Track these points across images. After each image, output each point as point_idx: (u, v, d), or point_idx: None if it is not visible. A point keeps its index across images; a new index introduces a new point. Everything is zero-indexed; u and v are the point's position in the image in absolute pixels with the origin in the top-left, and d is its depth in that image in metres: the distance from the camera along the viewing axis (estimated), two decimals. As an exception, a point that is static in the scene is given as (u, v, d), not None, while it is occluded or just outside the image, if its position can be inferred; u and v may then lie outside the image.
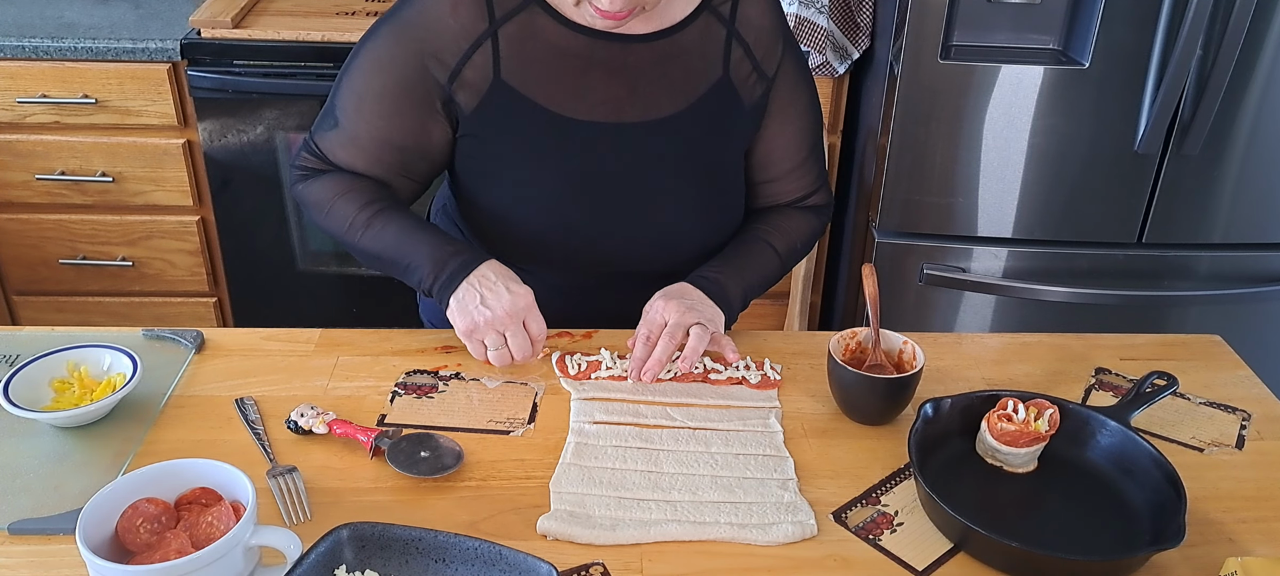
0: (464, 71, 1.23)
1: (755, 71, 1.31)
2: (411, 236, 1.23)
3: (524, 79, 1.23)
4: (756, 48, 1.30)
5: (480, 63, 1.23)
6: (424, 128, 1.27)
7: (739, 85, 1.30)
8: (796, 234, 1.41)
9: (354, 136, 1.27)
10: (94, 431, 1.12)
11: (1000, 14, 1.95)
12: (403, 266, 1.23)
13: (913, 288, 2.15)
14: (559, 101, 1.24)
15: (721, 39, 1.28)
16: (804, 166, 1.40)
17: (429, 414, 1.17)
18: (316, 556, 0.87)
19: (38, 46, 2.15)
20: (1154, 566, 0.97)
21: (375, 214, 1.25)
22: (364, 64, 1.26)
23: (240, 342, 1.28)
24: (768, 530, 1.00)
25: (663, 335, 1.20)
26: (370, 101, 1.26)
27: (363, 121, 1.26)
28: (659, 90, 1.26)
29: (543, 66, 1.24)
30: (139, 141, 2.26)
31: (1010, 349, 1.33)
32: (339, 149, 1.28)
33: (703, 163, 1.31)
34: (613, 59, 1.24)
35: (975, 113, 1.98)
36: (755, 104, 1.32)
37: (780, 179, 1.40)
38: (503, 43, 1.22)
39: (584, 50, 1.24)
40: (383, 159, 1.28)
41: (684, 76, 1.27)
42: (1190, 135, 1.96)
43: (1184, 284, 2.14)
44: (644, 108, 1.26)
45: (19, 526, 0.98)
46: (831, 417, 1.18)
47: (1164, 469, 1.03)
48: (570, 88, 1.24)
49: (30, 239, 2.38)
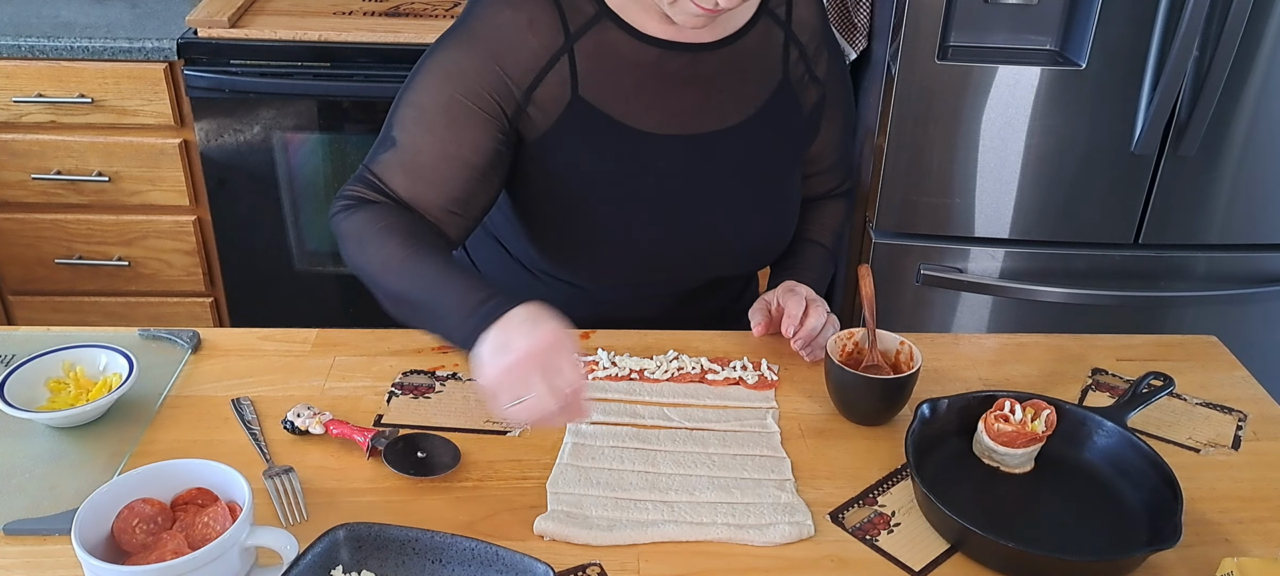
0: (539, 89, 1.19)
1: (808, 73, 1.31)
2: (447, 278, 1.09)
3: (600, 94, 1.21)
4: (809, 48, 1.31)
5: (556, 80, 1.19)
6: (494, 143, 1.19)
7: (796, 88, 1.30)
8: (834, 222, 1.45)
9: (414, 154, 1.18)
10: (90, 431, 1.12)
11: (997, 15, 1.95)
12: (431, 312, 1.10)
13: (910, 288, 2.15)
14: (633, 115, 1.22)
15: (780, 42, 1.28)
16: (839, 162, 1.43)
17: (426, 414, 1.17)
18: (313, 557, 0.87)
19: (34, 46, 2.15)
20: (1151, 566, 0.97)
21: (413, 253, 1.12)
22: (428, 77, 1.19)
23: (237, 343, 1.28)
24: (765, 530, 1.00)
25: (812, 307, 1.24)
26: (434, 114, 1.17)
27: (425, 135, 1.18)
28: (728, 98, 1.26)
29: (617, 80, 1.21)
30: (135, 141, 2.25)
31: (1007, 349, 1.33)
32: (396, 170, 1.18)
33: (765, 169, 1.31)
34: (684, 69, 1.23)
35: (972, 113, 1.98)
36: (813, 108, 1.33)
37: (822, 175, 1.42)
38: (579, 58, 1.19)
39: (656, 62, 1.22)
40: (445, 179, 1.17)
41: (749, 82, 1.27)
42: (1187, 136, 1.96)
43: (1180, 284, 2.15)
44: (714, 117, 1.26)
45: (14, 527, 0.98)
46: (829, 418, 1.18)
47: (1160, 469, 1.03)
48: (643, 101, 1.23)
49: (26, 238, 2.37)
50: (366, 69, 2.18)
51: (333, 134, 2.25)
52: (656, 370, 1.24)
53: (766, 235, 1.35)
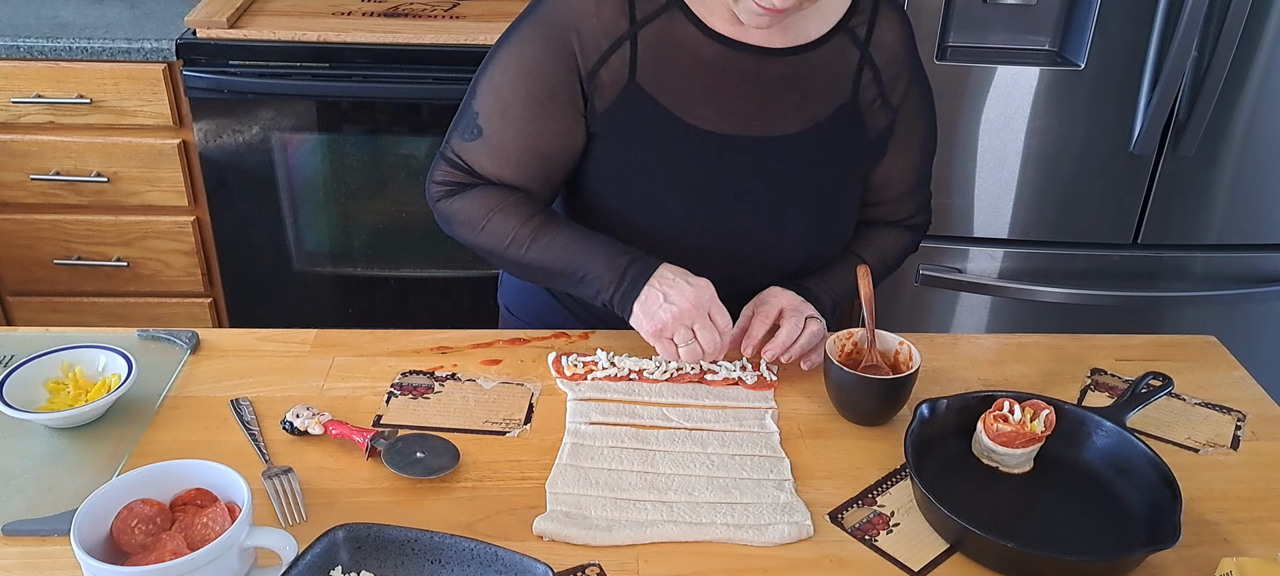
0: (601, 71, 1.21)
1: (881, 97, 1.29)
2: (582, 246, 1.21)
3: (657, 83, 1.22)
4: (886, 72, 1.28)
5: (617, 64, 1.21)
6: (571, 131, 1.24)
7: (865, 110, 1.28)
8: (889, 251, 1.41)
9: (500, 145, 1.24)
10: (89, 432, 1.12)
11: (996, 15, 1.95)
12: (577, 277, 1.21)
13: (909, 288, 2.15)
14: (687, 108, 1.23)
15: (854, 61, 1.27)
16: (914, 192, 1.40)
17: (425, 414, 1.17)
18: (312, 557, 0.87)
19: (32, 46, 2.15)
20: (1150, 566, 0.97)
21: (539, 227, 1.23)
22: (507, 67, 1.23)
23: (236, 343, 1.28)
24: (764, 530, 1.00)
25: (787, 317, 1.22)
26: (516, 107, 1.23)
27: (510, 128, 1.24)
28: (786, 106, 1.25)
29: (676, 71, 1.22)
30: (134, 141, 2.25)
31: (1006, 349, 1.33)
32: (485, 160, 1.25)
33: (820, 184, 1.30)
34: (746, 71, 1.23)
35: (971, 114, 1.98)
36: (880, 133, 1.31)
37: (889, 203, 1.39)
38: (641, 45, 1.21)
39: (719, 59, 1.22)
40: (530, 166, 1.25)
41: (812, 95, 1.26)
42: (1186, 136, 1.97)
43: (1179, 285, 2.15)
44: (770, 122, 1.25)
45: (13, 527, 0.98)
46: (827, 418, 1.18)
47: (1159, 469, 1.03)
48: (700, 95, 1.23)
49: (25, 239, 2.37)
50: (365, 69, 2.18)
51: (331, 134, 2.25)
52: (655, 370, 1.24)
53: (811, 249, 1.33)
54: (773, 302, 1.25)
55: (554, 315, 1.42)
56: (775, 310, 1.24)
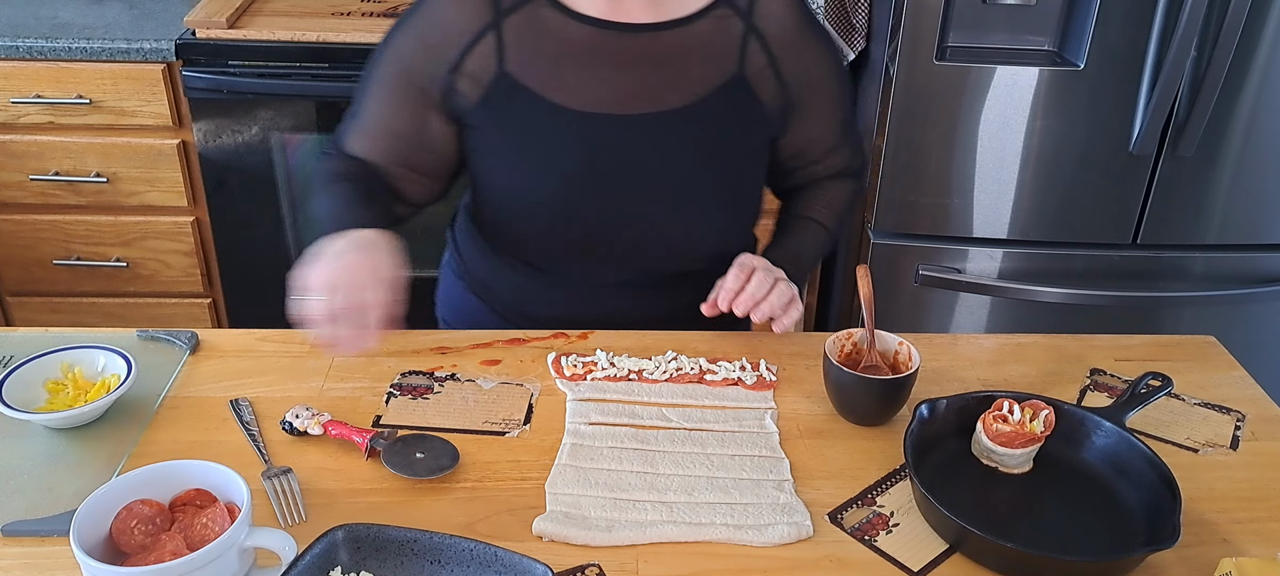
0: (465, 63, 1.24)
1: (772, 68, 1.28)
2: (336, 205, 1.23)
3: (528, 71, 1.24)
4: (776, 43, 1.28)
5: (483, 54, 1.23)
6: (422, 117, 1.28)
7: (754, 81, 1.28)
8: (838, 201, 1.43)
9: (365, 124, 1.31)
10: (88, 433, 1.12)
11: (995, 15, 1.95)
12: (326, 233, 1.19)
13: (908, 288, 2.15)
14: (562, 93, 1.24)
15: (738, 32, 1.27)
16: (841, 145, 1.40)
17: (424, 415, 1.17)
18: (312, 558, 0.87)
19: (32, 47, 2.15)
20: (1149, 567, 0.97)
21: (333, 180, 1.27)
22: (378, 56, 1.30)
23: (235, 343, 1.28)
24: (763, 531, 1.00)
25: (757, 273, 1.22)
26: (376, 89, 1.30)
27: (370, 108, 1.30)
28: (665, 83, 1.25)
29: (547, 58, 1.24)
30: (133, 142, 2.25)
31: (1005, 350, 1.33)
32: (353, 138, 1.32)
33: (713, 159, 1.30)
34: (618, 50, 1.24)
35: (970, 114, 1.98)
36: (776, 102, 1.30)
37: (818, 162, 1.40)
38: (507, 34, 1.23)
39: (590, 40, 1.23)
40: (385, 146, 1.30)
41: (694, 70, 1.26)
42: (1185, 136, 1.97)
43: (1179, 285, 2.15)
44: (650, 100, 1.25)
45: (13, 528, 0.98)
46: (827, 418, 1.18)
47: (1159, 469, 1.03)
48: (574, 79, 1.24)
49: (24, 239, 2.37)
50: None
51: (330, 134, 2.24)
52: (655, 370, 1.24)
53: (712, 223, 1.33)
54: (747, 261, 1.25)
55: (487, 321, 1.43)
56: (749, 268, 1.24)
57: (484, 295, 1.43)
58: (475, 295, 1.44)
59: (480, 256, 1.42)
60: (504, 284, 1.40)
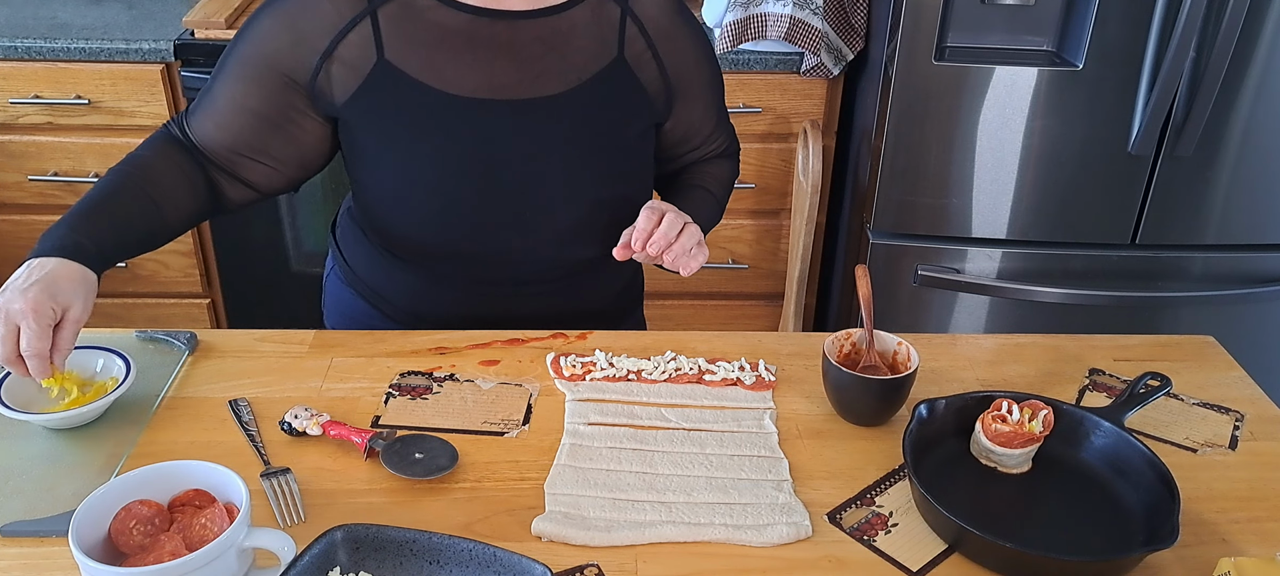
0: (339, 51, 1.22)
1: (651, 51, 1.30)
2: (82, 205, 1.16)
3: (407, 58, 1.23)
4: (652, 27, 1.30)
5: (359, 42, 1.22)
6: (284, 100, 1.25)
7: (635, 65, 1.30)
8: (723, 176, 1.46)
9: (216, 104, 1.26)
10: (87, 433, 1.12)
11: (994, 15, 1.96)
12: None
13: (907, 288, 2.16)
14: (443, 79, 1.23)
15: (615, 18, 1.28)
16: (716, 129, 1.44)
17: (423, 415, 1.17)
18: (310, 558, 0.87)
19: (30, 47, 2.15)
20: (1148, 567, 0.97)
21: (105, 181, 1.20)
22: (239, 40, 1.26)
23: (234, 344, 1.28)
24: (762, 531, 1.00)
25: (667, 215, 1.22)
26: (232, 66, 1.25)
27: (222, 86, 1.26)
28: (546, 68, 1.26)
29: (425, 44, 1.23)
30: (132, 142, 2.22)
31: (1004, 350, 1.33)
32: (199, 117, 1.27)
33: (597, 144, 1.30)
34: (496, 37, 1.24)
35: (969, 114, 1.98)
36: (656, 86, 1.32)
37: (699, 147, 1.43)
38: (383, 22, 1.22)
39: (466, 27, 1.23)
40: (237, 124, 1.26)
41: (574, 55, 1.26)
42: (1183, 136, 1.97)
43: (1177, 285, 2.15)
44: (531, 85, 1.25)
45: (11, 528, 0.98)
46: (826, 419, 1.19)
47: (1158, 469, 1.04)
48: (454, 65, 1.24)
49: (23, 240, 2.37)
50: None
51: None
52: (654, 370, 1.24)
53: (601, 210, 1.32)
54: (656, 205, 1.25)
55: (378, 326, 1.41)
56: (659, 211, 1.23)
57: (373, 299, 1.41)
58: (364, 300, 1.41)
59: (367, 259, 1.40)
60: (394, 285, 1.38)
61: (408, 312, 1.39)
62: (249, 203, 1.33)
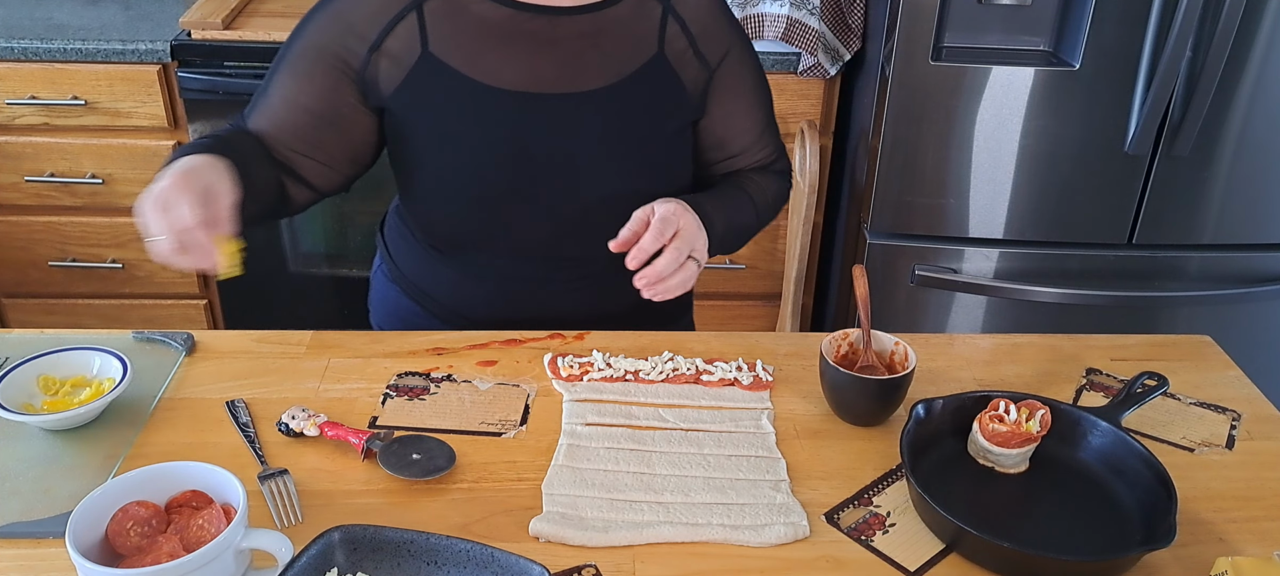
0: (386, 43, 1.24)
1: (692, 49, 1.31)
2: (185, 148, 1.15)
3: (450, 51, 1.24)
4: (694, 25, 1.30)
5: (405, 35, 1.24)
6: (337, 93, 1.26)
7: (675, 62, 1.30)
8: (767, 189, 1.41)
9: (269, 100, 1.28)
10: (84, 434, 1.12)
11: (991, 16, 1.96)
12: None
13: (904, 288, 2.16)
14: (484, 72, 1.25)
15: (656, 16, 1.29)
16: (760, 140, 1.41)
17: (421, 416, 1.17)
18: (308, 559, 0.87)
19: (27, 48, 2.15)
20: (1145, 566, 0.97)
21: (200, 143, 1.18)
22: (292, 39, 1.28)
23: (231, 345, 1.28)
24: (760, 531, 1.00)
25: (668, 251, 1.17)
26: (285, 64, 1.27)
27: (277, 84, 1.27)
28: (586, 63, 1.27)
29: (468, 38, 1.25)
30: (129, 143, 2.25)
31: (1001, 349, 1.34)
32: (257, 115, 1.28)
33: (635, 139, 1.30)
34: (539, 32, 1.25)
35: (966, 114, 1.98)
36: (696, 84, 1.32)
37: (739, 155, 1.41)
38: (428, 16, 1.24)
39: (509, 22, 1.25)
40: (292, 121, 1.27)
41: (614, 51, 1.27)
42: (1180, 136, 1.97)
43: (1174, 284, 2.15)
44: (570, 80, 1.26)
45: (8, 530, 0.98)
46: (823, 418, 1.19)
47: (1155, 469, 1.04)
48: (496, 59, 1.25)
49: (19, 241, 2.37)
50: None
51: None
52: (651, 371, 1.24)
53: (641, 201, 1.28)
54: (671, 222, 1.18)
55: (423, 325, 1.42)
56: (671, 231, 1.18)
57: (418, 298, 1.42)
58: (409, 298, 1.43)
59: (413, 257, 1.41)
60: (437, 281, 1.39)
61: (450, 309, 1.40)
62: (307, 203, 1.33)
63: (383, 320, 1.49)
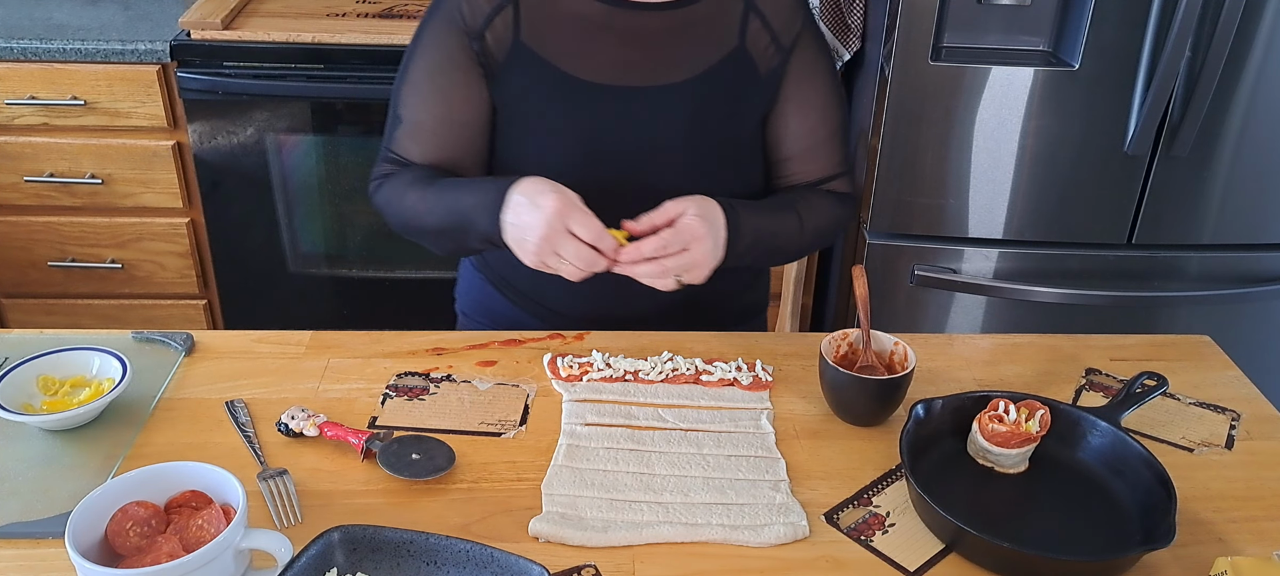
0: (486, 35, 1.27)
1: (773, 43, 1.32)
2: (460, 194, 1.23)
3: (541, 41, 1.27)
4: (774, 19, 1.32)
5: (501, 27, 1.27)
6: (479, 96, 1.30)
7: (755, 55, 1.32)
8: (820, 210, 1.37)
9: (417, 124, 1.31)
10: (83, 434, 1.12)
11: (990, 16, 1.96)
12: (463, 228, 1.23)
13: (904, 289, 2.16)
14: (572, 63, 1.28)
15: (738, 11, 1.31)
16: (823, 147, 1.38)
17: (420, 416, 1.17)
18: (308, 559, 0.87)
19: (26, 48, 2.15)
20: (1145, 566, 0.97)
21: (427, 189, 1.26)
22: (414, 55, 1.31)
23: (230, 345, 1.28)
24: (759, 531, 1.00)
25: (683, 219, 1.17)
26: (425, 84, 1.30)
27: (422, 106, 1.30)
28: (671, 57, 1.29)
29: (559, 29, 1.28)
30: (128, 143, 2.25)
31: (1001, 349, 1.34)
32: (407, 142, 1.31)
33: (715, 131, 1.32)
34: (627, 26, 1.28)
35: (966, 114, 1.98)
36: (771, 73, 1.33)
37: (796, 158, 1.38)
38: (523, 7, 1.27)
39: (600, 16, 1.28)
40: (447, 139, 1.31)
41: (698, 45, 1.30)
42: (1180, 136, 1.97)
43: (1173, 285, 2.15)
44: (655, 73, 1.29)
45: (8, 530, 0.98)
46: (823, 419, 1.19)
47: (1154, 469, 1.04)
48: (584, 50, 1.28)
49: (19, 241, 2.37)
50: (360, 71, 2.18)
51: (326, 136, 2.25)
52: (651, 371, 1.24)
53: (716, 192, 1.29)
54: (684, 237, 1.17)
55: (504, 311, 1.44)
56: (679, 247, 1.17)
57: (503, 287, 1.44)
58: (494, 287, 1.45)
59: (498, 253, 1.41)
60: (519, 272, 1.38)
61: (531, 298, 1.41)
62: None
63: (467, 307, 1.52)
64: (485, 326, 1.47)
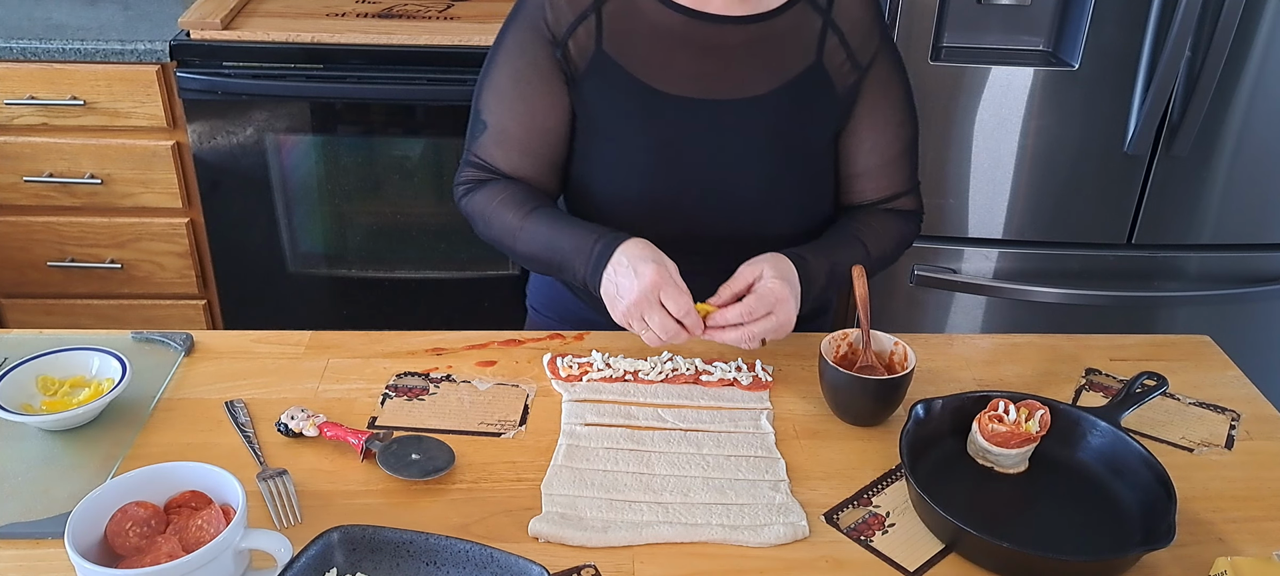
0: (569, 43, 1.29)
1: (850, 60, 1.33)
2: (559, 232, 1.26)
3: (622, 51, 1.29)
4: (851, 36, 1.32)
5: (584, 36, 1.28)
6: (562, 104, 1.31)
7: (832, 71, 1.32)
8: (886, 234, 1.38)
9: (503, 131, 1.32)
10: (83, 435, 1.11)
11: (990, 16, 1.96)
12: (557, 265, 1.26)
13: (903, 289, 2.16)
14: (653, 74, 1.29)
15: (816, 27, 1.31)
16: (893, 165, 1.38)
17: (420, 416, 1.17)
18: (307, 559, 0.87)
19: (25, 48, 2.14)
20: (1145, 566, 0.97)
21: (526, 216, 1.28)
22: (497, 61, 1.32)
23: (230, 345, 1.28)
24: (759, 531, 1.00)
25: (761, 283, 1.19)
26: (509, 90, 1.31)
27: (508, 113, 1.32)
28: (749, 70, 1.30)
29: (641, 40, 1.29)
30: (128, 143, 2.25)
31: (1001, 350, 1.34)
32: (493, 149, 1.33)
33: (790, 145, 1.33)
34: (706, 39, 1.29)
35: (965, 114, 1.98)
36: (847, 89, 1.34)
37: (866, 175, 1.39)
38: (606, 17, 1.28)
39: (679, 29, 1.28)
40: (534, 146, 1.32)
41: (775, 59, 1.30)
42: (1179, 136, 1.97)
43: (1173, 284, 2.15)
44: (733, 86, 1.30)
45: (7, 530, 0.97)
46: (823, 419, 1.19)
47: (1154, 469, 1.04)
48: (663, 62, 1.29)
49: (18, 241, 2.36)
50: (359, 71, 2.18)
51: (326, 136, 2.25)
52: (651, 371, 1.24)
53: (788, 212, 1.35)
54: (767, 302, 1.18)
55: (575, 309, 1.46)
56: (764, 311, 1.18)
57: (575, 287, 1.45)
58: (567, 286, 1.46)
59: None
60: None
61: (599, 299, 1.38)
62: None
63: (537, 302, 1.54)
64: (554, 323, 1.49)
